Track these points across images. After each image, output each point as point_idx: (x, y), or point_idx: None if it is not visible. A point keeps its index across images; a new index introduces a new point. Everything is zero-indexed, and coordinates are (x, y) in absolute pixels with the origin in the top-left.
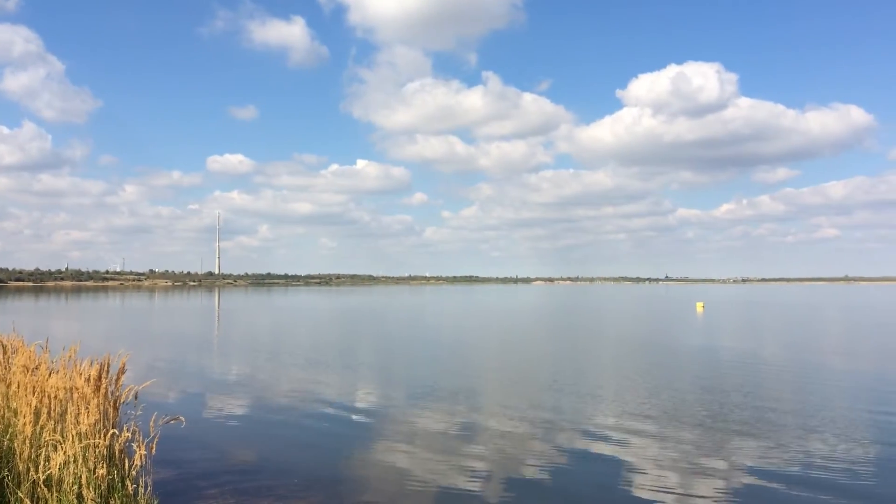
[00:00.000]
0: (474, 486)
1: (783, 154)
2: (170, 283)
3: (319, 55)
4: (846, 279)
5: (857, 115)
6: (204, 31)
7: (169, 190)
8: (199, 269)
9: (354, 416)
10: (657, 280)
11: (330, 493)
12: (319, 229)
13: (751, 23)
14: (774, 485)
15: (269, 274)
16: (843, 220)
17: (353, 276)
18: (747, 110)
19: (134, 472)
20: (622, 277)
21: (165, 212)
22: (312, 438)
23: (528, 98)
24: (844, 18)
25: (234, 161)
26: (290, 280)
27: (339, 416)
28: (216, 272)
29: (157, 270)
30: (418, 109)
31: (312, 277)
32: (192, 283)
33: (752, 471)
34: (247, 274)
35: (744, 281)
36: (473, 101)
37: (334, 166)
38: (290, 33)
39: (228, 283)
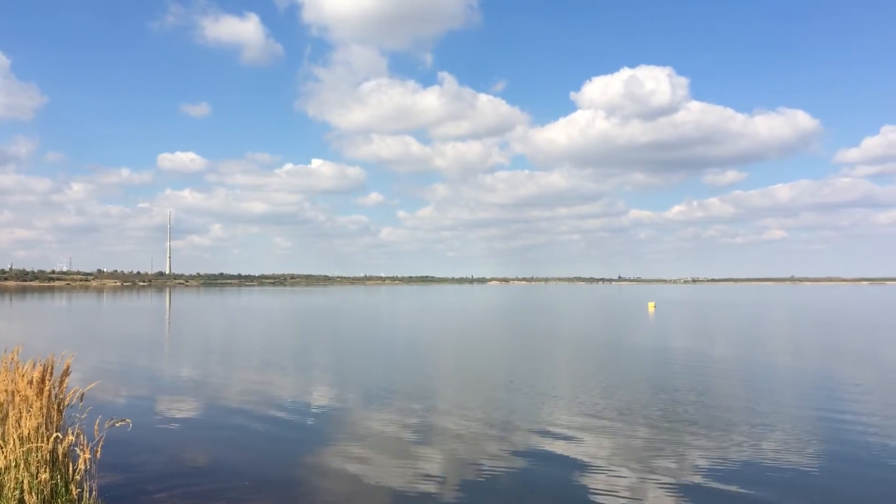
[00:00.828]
0: (428, 487)
1: (732, 157)
2: (119, 284)
3: (274, 53)
4: (792, 279)
5: (803, 120)
6: (155, 27)
7: (118, 188)
8: (150, 269)
9: (308, 418)
10: (611, 280)
11: (282, 495)
12: (273, 229)
13: (701, 28)
14: (725, 483)
15: (221, 274)
16: (789, 222)
17: (307, 277)
18: (698, 114)
19: (78, 477)
20: (576, 277)
21: (114, 210)
22: (264, 441)
23: (483, 99)
24: (791, 25)
25: (186, 159)
26: (243, 280)
27: (292, 418)
28: (167, 272)
29: (105, 270)
30: (374, 109)
31: (266, 278)
32: (141, 284)
33: (703, 469)
34: (199, 274)
35: (694, 281)
36: (429, 101)
37: (289, 165)
38: (244, 30)
39: (180, 284)
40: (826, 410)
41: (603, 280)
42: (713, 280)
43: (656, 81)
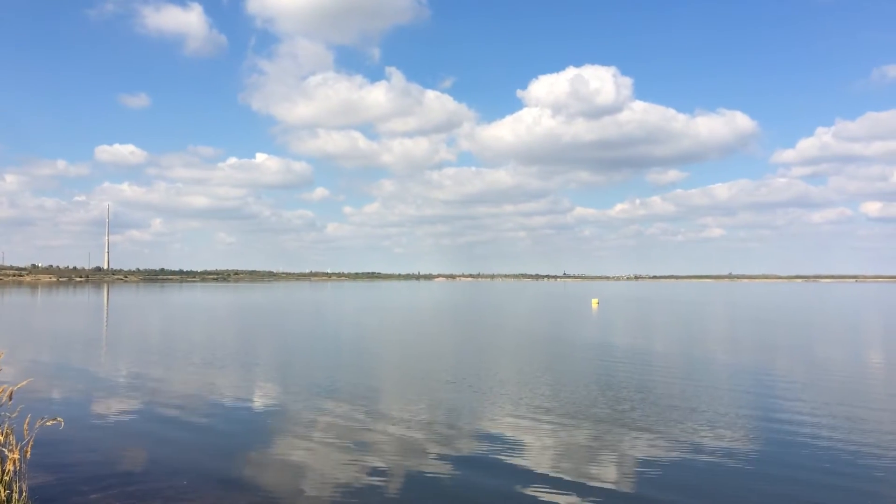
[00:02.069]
0: (370, 483)
1: (674, 156)
2: (54, 279)
3: (217, 44)
4: (730, 277)
5: (741, 121)
6: (92, 14)
7: (53, 180)
8: (87, 264)
9: (249, 416)
10: (556, 277)
11: (221, 494)
12: (216, 224)
13: (645, 29)
14: (666, 475)
15: (162, 269)
16: (727, 221)
17: (251, 272)
18: (641, 113)
19: (7, 478)
20: (522, 274)
21: (50, 203)
22: (204, 439)
23: (431, 95)
24: (731, 27)
25: (125, 151)
26: (185, 276)
27: (233, 416)
28: (105, 267)
29: (40, 265)
30: (320, 103)
31: (209, 273)
32: (78, 279)
33: (644, 462)
34: (138, 269)
35: (636, 278)
36: (377, 96)
37: (232, 159)
38: (187, 20)
39: (118, 279)
40: (761, 408)
41: (548, 277)
42: (655, 277)
43: (601, 81)
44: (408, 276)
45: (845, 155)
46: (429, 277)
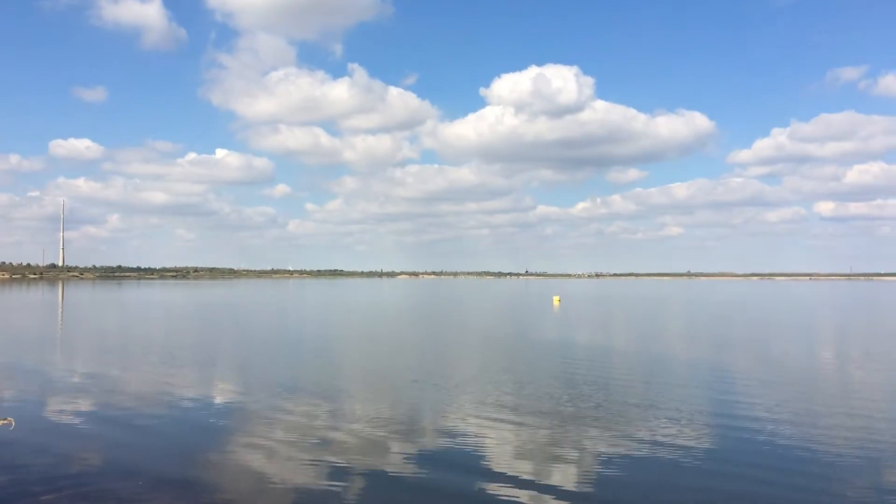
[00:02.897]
0: (332, 484)
1: (634, 156)
2: (7, 276)
3: (177, 38)
4: (688, 274)
5: (700, 122)
6: (46, 5)
7: (6, 175)
8: (41, 261)
9: (208, 416)
10: (518, 275)
11: (178, 493)
12: (175, 220)
13: (607, 29)
14: (626, 472)
15: (119, 267)
16: (686, 220)
17: (211, 270)
18: (602, 113)
19: None
20: (485, 272)
21: (2, 199)
22: (161, 439)
23: (394, 92)
24: (690, 30)
25: (81, 146)
26: (143, 273)
27: (191, 416)
28: (60, 264)
29: None
30: (282, 99)
31: (168, 271)
32: (32, 277)
33: (605, 459)
34: (95, 266)
35: (597, 276)
36: (339, 92)
37: (192, 155)
38: (145, 13)
39: (74, 277)
40: (719, 405)
41: (511, 274)
42: (615, 275)
43: (563, 80)
44: (370, 274)
45: (800, 155)
46: (392, 275)
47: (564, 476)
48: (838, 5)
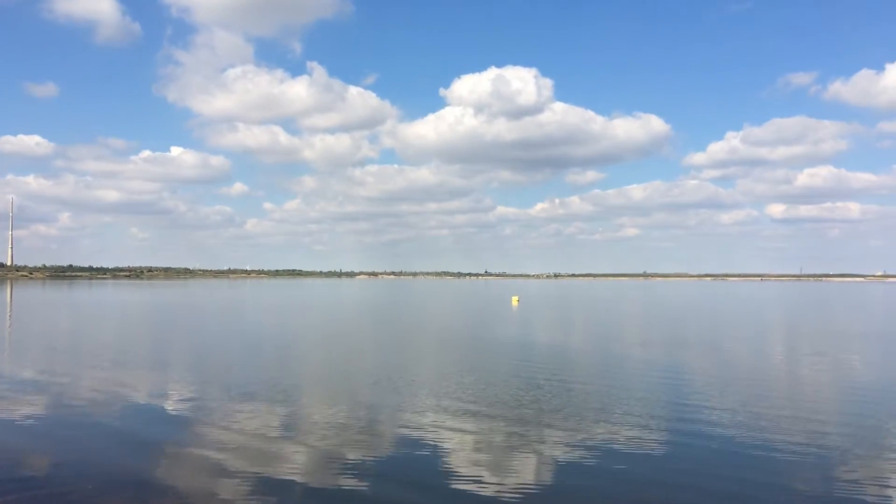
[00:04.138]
0: (288, 487)
1: (592, 157)
2: None
3: (131, 32)
4: (644, 275)
5: (656, 125)
6: None
7: None
8: None
9: (160, 419)
10: (477, 275)
11: (129, 497)
12: (129, 219)
13: (566, 32)
14: (583, 471)
15: (70, 266)
16: (642, 221)
17: (166, 269)
18: (561, 115)
19: None
20: (444, 272)
21: None
22: (112, 442)
23: (353, 91)
24: (647, 34)
25: (30, 142)
26: (95, 273)
27: (142, 419)
28: (8, 263)
29: None
30: (239, 97)
31: (121, 270)
32: None
33: (562, 459)
34: (45, 266)
35: (556, 276)
36: (298, 91)
37: (146, 152)
38: (98, 7)
39: (23, 276)
40: (674, 404)
41: (470, 275)
42: (573, 275)
43: (523, 82)
44: (329, 274)
45: (752, 159)
46: (351, 275)
47: (523, 477)
48: (789, 13)
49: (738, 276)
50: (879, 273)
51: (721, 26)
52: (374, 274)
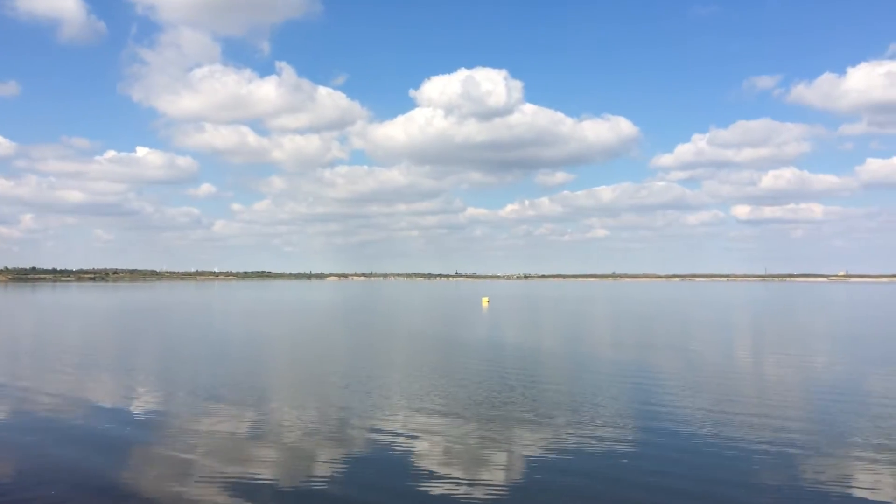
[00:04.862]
0: (257, 492)
1: (562, 159)
2: None
3: (96, 31)
4: (613, 276)
5: (625, 127)
6: None
7: None
8: None
9: (125, 423)
10: (448, 276)
11: (93, 503)
12: (93, 220)
13: (535, 34)
14: (554, 470)
15: (33, 269)
16: (611, 222)
17: (132, 272)
18: (531, 116)
19: None
20: (415, 273)
21: None
22: (76, 448)
23: (323, 92)
24: (616, 37)
25: None
26: (58, 275)
27: (107, 424)
28: None
29: None
30: (207, 97)
31: (85, 272)
32: None
33: (533, 459)
34: (6, 268)
35: (526, 277)
36: (266, 91)
37: (111, 152)
38: (62, 5)
39: None
40: (642, 403)
41: (441, 276)
42: (543, 276)
43: (492, 83)
44: (299, 276)
45: (718, 160)
46: (321, 277)
47: (495, 477)
48: (753, 17)
49: (705, 276)
50: (842, 273)
51: (687, 29)
52: (345, 275)
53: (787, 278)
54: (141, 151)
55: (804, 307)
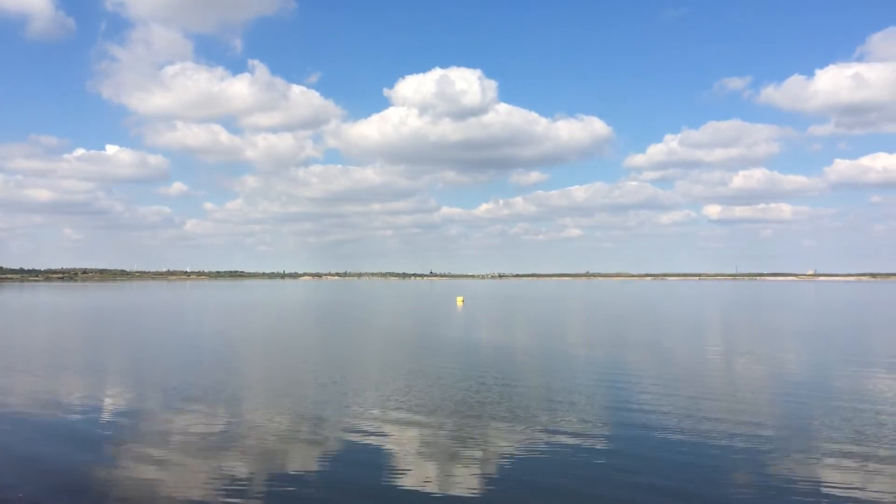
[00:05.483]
0: (229, 494)
1: (536, 158)
2: None
3: (65, 27)
4: (587, 275)
5: (598, 127)
6: None
7: None
8: None
9: (94, 425)
10: (423, 276)
11: None
12: (62, 219)
13: (510, 34)
14: (529, 468)
15: (0, 268)
16: (585, 221)
17: (102, 271)
18: (505, 116)
19: None
20: (389, 273)
21: None
22: (44, 450)
23: (297, 90)
24: (588, 39)
25: None
26: (26, 275)
27: (76, 425)
28: None
29: None
30: (178, 94)
31: (54, 272)
32: None
33: (505, 455)
34: None
35: (500, 276)
36: (239, 89)
37: (80, 150)
38: (30, 1)
39: None
40: (615, 401)
41: (415, 275)
42: (518, 275)
43: (467, 83)
44: (273, 275)
45: (690, 161)
46: (295, 276)
47: (469, 474)
48: (724, 19)
49: (677, 275)
50: (810, 272)
51: (660, 32)
52: (319, 275)
53: (758, 277)
54: (111, 149)
55: (774, 306)
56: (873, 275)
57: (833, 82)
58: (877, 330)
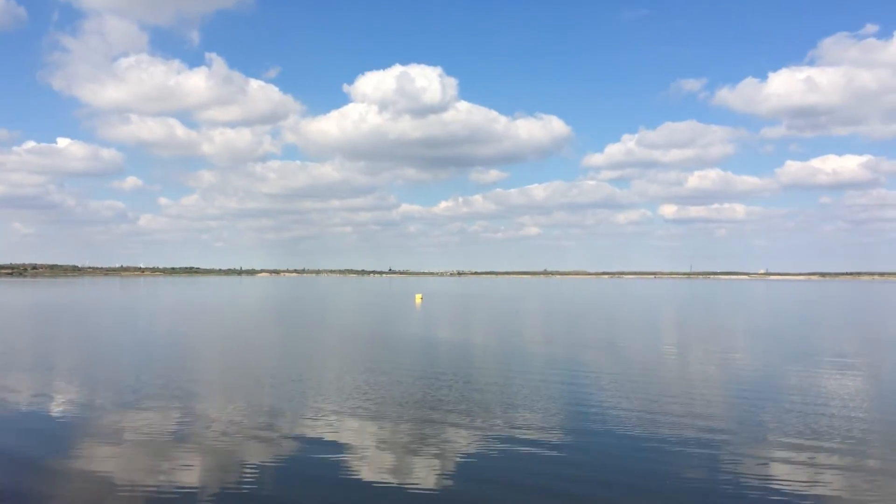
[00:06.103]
0: (184, 495)
1: (495, 157)
2: None
3: (15, 16)
4: (545, 273)
5: (557, 126)
6: None
7: None
8: None
9: (45, 426)
10: (381, 273)
11: None
12: (11, 213)
13: (470, 32)
14: (486, 467)
15: None
16: (543, 220)
17: (52, 267)
18: (465, 114)
19: None
20: (348, 270)
21: None
22: None
23: (255, 85)
24: (548, 39)
25: None
26: None
27: (25, 426)
28: None
29: None
30: (133, 87)
31: (2, 267)
32: None
33: (465, 456)
34: None
35: (459, 274)
36: (196, 82)
37: (30, 143)
38: None
39: None
40: (573, 400)
41: (374, 272)
42: (476, 273)
43: (427, 80)
44: (229, 272)
45: (646, 161)
46: (252, 273)
47: (427, 474)
48: (680, 21)
49: (634, 273)
50: (762, 271)
51: (618, 32)
52: (277, 272)
53: (711, 276)
54: (62, 142)
55: (727, 304)
56: (822, 274)
57: (785, 85)
58: (824, 329)
